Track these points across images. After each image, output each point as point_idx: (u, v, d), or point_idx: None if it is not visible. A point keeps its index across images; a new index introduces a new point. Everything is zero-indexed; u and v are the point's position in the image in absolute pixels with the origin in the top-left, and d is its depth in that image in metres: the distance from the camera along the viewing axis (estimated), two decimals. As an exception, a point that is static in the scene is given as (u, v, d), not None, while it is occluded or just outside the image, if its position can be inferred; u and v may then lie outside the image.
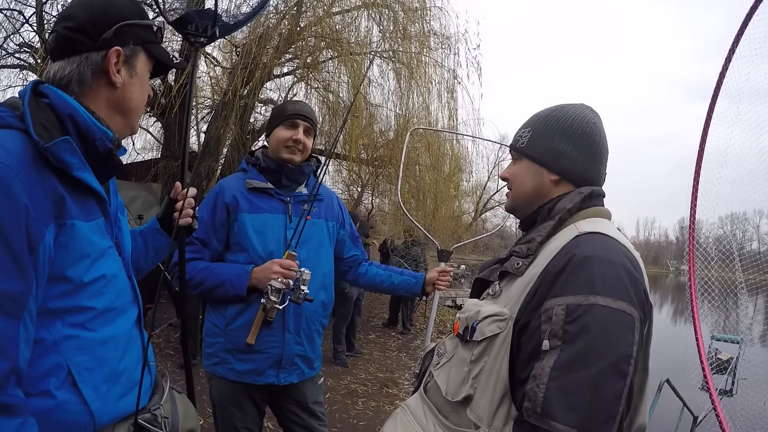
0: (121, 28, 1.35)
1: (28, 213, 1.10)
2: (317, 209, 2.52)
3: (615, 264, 1.21)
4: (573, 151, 1.43)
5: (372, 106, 9.54)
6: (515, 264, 1.36)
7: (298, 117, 2.45)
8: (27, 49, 8.47)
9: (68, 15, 1.34)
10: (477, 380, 1.30)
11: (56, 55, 1.33)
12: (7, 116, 1.19)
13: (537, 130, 1.48)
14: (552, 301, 1.19)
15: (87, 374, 1.24)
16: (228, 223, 2.37)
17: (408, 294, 2.81)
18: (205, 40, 1.66)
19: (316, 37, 8.92)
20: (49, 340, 1.19)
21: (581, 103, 1.53)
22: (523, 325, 1.25)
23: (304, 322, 2.37)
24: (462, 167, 11.45)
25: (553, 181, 1.46)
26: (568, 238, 1.31)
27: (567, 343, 1.14)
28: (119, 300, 1.37)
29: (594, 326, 1.13)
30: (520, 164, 1.52)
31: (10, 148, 1.12)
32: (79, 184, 1.24)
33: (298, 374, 2.42)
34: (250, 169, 2.50)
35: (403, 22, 9.13)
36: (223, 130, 8.80)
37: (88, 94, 1.34)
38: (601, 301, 1.15)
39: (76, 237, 1.23)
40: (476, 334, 1.32)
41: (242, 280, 2.26)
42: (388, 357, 8.34)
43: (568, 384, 1.11)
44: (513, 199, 1.55)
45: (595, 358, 1.11)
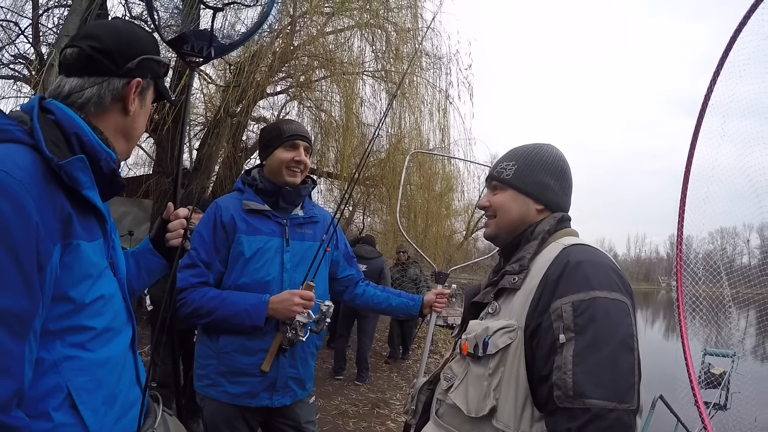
0: (143, 60, 1.38)
1: (38, 231, 1.08)
2: (312, 232, 2.51)
3: (603, 265, 1.41)
4: (555, 184, 1.65)
5: (364, 125, 9.58)
6: (512, 279, 1.50)
7: (298, 137, 2.44)
8: (21, 61, 8.47)
9: (94, 35, 1.34)
10: (498, 391, 1.40)
11: (74, 71, 1.32)
12: (16, 130, 1.16)
13: (522, 164, 1.65)
14: (559, 302, 1.35)
15: (86, 396, 1.22)
16: (228, 243, 2.35)
17: (405, 316, 2.80)
18: (201, 61, 1.67)
19: (309, 57, 8.99)
20: (48, 361, 1.16)
21: (550, 143, 1.74)
22: (534, 327, 1.39)
23: (299, 346, 2.35)
24: (453, 187, 11.49)
25: (538, 210, 1.64)
26: (555, 251, 1.48)
27: (580, 333, 1.30)
28: (116, 320, 1.36)
29: (599, 315, 1.31)
30: (504, 194, 1.67)
31: (21, 164, 1.10)
32: (84, 204, 1.24)
33: (291, 396, 2.40)
34: (246, 189, 2.47)
35: (395, 43, 9.22)
36: (216, 148, 8.81)
37: (102, 116, 1.34)
38: (599, 294, 1.34)
39: (80, 257, 1.22)
40: (489, 348, 1.42)
41: (260, 311, 2.23)
42: (379, 377, 8.27)
43: (590, 365, 1.27)
44: (497, 226, 1.68)
45: (606, 340, 1.29)
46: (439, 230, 11.19)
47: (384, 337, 12.03)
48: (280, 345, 2.27)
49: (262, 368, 2.25)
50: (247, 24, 1.84)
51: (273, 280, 2.34)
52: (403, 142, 9.43)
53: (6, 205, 1.04)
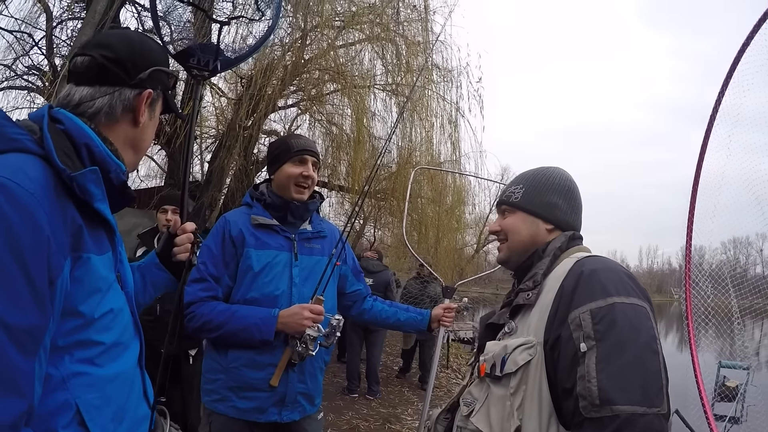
0: (154, 72, 1.37)
1: (50, 244, 1.05)
2: (320, 246, 2.51)
3: (617, 271, 1.42)
4: (563, 204, 1.68)
5: (375, 138, 9.59)
6: (526, 296, 1.51)
7: (306, 152, 2.45)
8: (35, 72, 8.58)
9: (106, 44, 1.33)
10: (521, 410, 1.37)
11: (84, 80, 1.31)
12: (26, 140, 1.13)
13: (530, 186, 1.69)
14: (576, 311, 1.34)
15: (95, 413, 1.19)
16: (236, 257, 2.34)
17: (414, 331, 2.79)
18: (207, 74, 1.66)
19: (320, 70, 9.03)
20: (56, 377, 1.13)
21: (557, 166, 1.78)
22: (554, 341, 1.37)
23: (308, 360, 2.34)
24: (464, 200, 11.45)
25: (548, 230, 1.67)
26: (569, 264, 1.49)
27: (601, 339, 1.28)
28: (125, 335, 1.34)
29: (619, 319, 1.29)
30: (514, 216, 1.70)
31: (32, 175, 1.07)
32: (94, 216, 1.21)
33: (300, 411, 2.38)
34: (254, 204, 2.48)
35: (406, 56, 9.23)
36: (227, 161, 8.84)
37: (112, 126, 1.33)
38: (617, 300, 1.33)
39: (90, 271, 1.19)
40: (508, 366, 1.40)
41: (269, 325, 2.22)
42: (390, 392, 8.21)
43: (615, 370, 1.24)
44: (509, 249, 1.71)
45: (629, 343, 1.27)
46: (450, 243, 11.14)
47: (395, 351, 11.97)
48: (289, 359, 2.26)
49: (271, 383, 2.23)
50: (254, 37, 1.84)
51: (282, 294, 2.33)
52: (413, 155, 9.42)
53: (17, 217, 1.01)
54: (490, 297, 23.81)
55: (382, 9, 9.14)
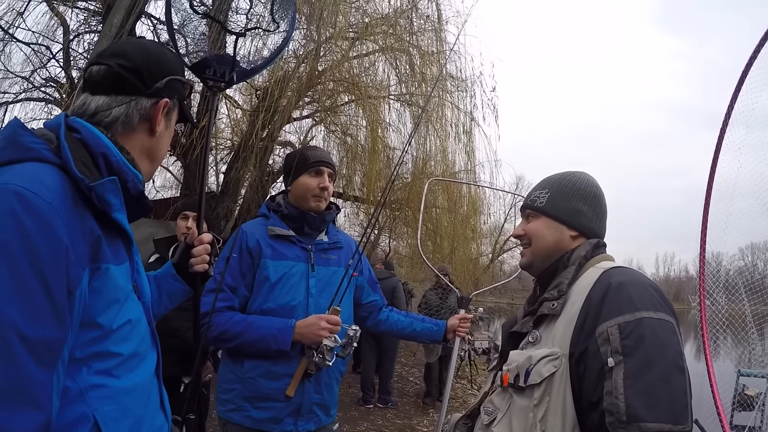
0: (171, 81, 1.35)
1: (68, 255, 1.04)
2: (336, 257, 2.51)
3: (645, 285, 1.40)
4: (589, 210, 1.65)
5: (389, 149, 9.60)
6: (551, 306, 1.48)
7: (322, 164, 2.45)
8: (53, 84, 8.70)
9: (122, 53, 1.32)
10: (544, 422, 1.35)
11: (100, 89, 1.29)
12: (42, 149, 1.11)
13: (555, 191, 1.67)
14: (604, 325, 1.33)
15: (113, 425, 1.16)
16: (253, 268, 2.35)
17: (429, 341, 2.78)
18: (223, 85, 1.66)
19: (334, 81, 9.08)
20: (74, 390, 1.11)
21: (583, 171, 1.76)
22: (580, 354, 1.35)
23: (324, 371, 2.33)
24: (479, 209, 11.41)
25: (572, 237, 1.64)
26: (595, 275, 1.47)
27: (629, 355, 1.27)
28: (142, 345, 1.32)
29: (647, 335, 1.29)
30: (538, 221, 1.68)
31: (50, 185, 1.05)
32: (112, 226, 1.20)
33: (316, 422, 2.37)
34: (271, 215, 2.48)
35: (419, 66, 9.26)
36: (243, 172, 8.89)
37: (128, 135, 1.31)
38: (646, 315, 1.31)
39: (109, 281, 1.17)
40: (533, 377, 1.39)
41: (286, 336, 2.22)
42: (406, 402, 8.17)
43: (643, 387, 1.23)
44: (533, 254, 1.68)
45: (657, 359, 1.26)
46: (464, 253, 11.10)
47: (411, 362, 11.91)
48: (305, 370, 2.26)
49: (286, 393, 2.23)
50: (268, 49, 1.85)
51: (298, 305, 2.33)
52: (428, 165, 9.42)
53: (35, 228, 1.00)
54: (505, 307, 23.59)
55: (396, 20, 9.19)
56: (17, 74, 8.38)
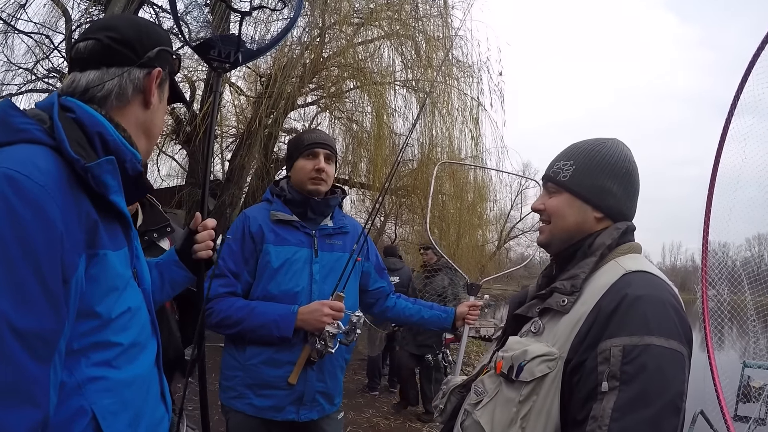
0: (161, 51, 1.31)
1: (63, 242, 0.99)
2: (342, 242, 2.46)
3: (664, 303, 1.25)
4: (618, 189, 1.46)
5: (395, 135, 9.54)
6: (561, 301, 1.35)
7: (317, 146, 2.40)
8: (56, 75, 8.67)
9: (110, 26, 1.27)
10: (526, 420, 1.28)
11: (91, 63, 1.24)
12: (35, 130, 1.06)
13: (581, 164, 1.47)
14: (608, 342, 1.21)
15: (112, 419, 1.12)
16: (256, 253, 2.32)
17: (438, 329, 2.74)
18: (228, 66, 1.61)
19: (339, 67, 9.02)
20: (71, 383, 1.06)
21: (616, 138, 1.54)
22: (576, 364, 1.26)
23: (327, 358, 2.29)
24: (485, 196, 11.35)
25: (597, 218, 1.46)
26: (615, 275, 1.33)
27: (626, 383, 1.16)
28: (142, 335, 1.27)
29: (651, 366, 1.17)
30: (560, 198, 1.50)
31: (43, 167, 1.00)
32: (110, 209, 1.14)
33: (319, 411, 2.34)
34: (274, 200, 2.44)
35: (425, 52, 9.18)
36: (248, 159, 8.87)
37: (123, 110, 1.26)
38: (656, 342, 1.19)
39: (106, 268, 1.12)
40: (524, 374, 1.30)
41: (288, 322, 2.19)
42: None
43: (630, 424, 1.14)
44: (551, 233, 1.52)
45: (654, 397, 1.15)
46: (471, 240, 11.05)
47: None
48: (308, 357, 2.22)
49: (289, 381, 2.20)
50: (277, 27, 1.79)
51: (302, 291, 2.30)
52: (435, 151, 9.36)
53: (28, 213, 0.94)
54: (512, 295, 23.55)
55: (401, 5, 9.11)
56: (20, 66, 8.37)
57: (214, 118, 1.66)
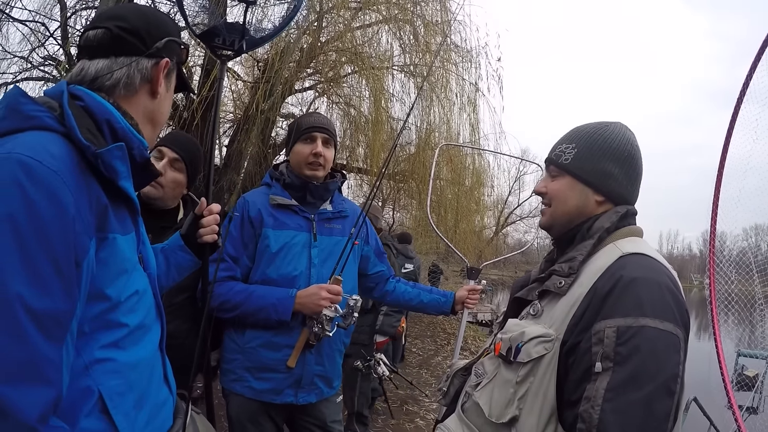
0: (169, 42, 1.33)
1: (75, 225, 1.02)
2: (341, 226, 2.48)
3: (660, 285, 1.27)
4: (620, 173, 1.47)
5: (393, 120, 9.53)
6: (558, 283, 1.38)
7: (314, 130, 2.41)
8: (51, 62, 8.61)
9: (119, 16, 1.30)
10: (523, 401, 1.30)
11: (100, 52, 1.26)
12: (45, 116, 1.09)
13: (583, 147, 1.49)
14: (602, 323, 1.23)
15: (119, 399, 1.15)
16: (255, 238, 2.34)
17: (437, 313, 2.76)
18: (232, 54, 1.63)
19: (337, 52, 8.97)
20: (79, 363, 1.10)
21: (619, 122, 1.55)
22: (572, 346, 1.28)
23: (326, 343, 2.33)
24: (483, 181, 11.37)
25: (598, 202, 1.49)
26: (611, 258, 1.35)
27: (619, 364, 1.18)
28: (148, 317, 1.31)
29: (644, 348, 1.18)
30: (561, 181, 1.52)
31: (56, 153, 1.04)
32: (118, 194, 1.18)
33: (317, 394, 2.38)
34: (274, 184, 2.46)
35: (423, 36, 9.14)
36: (245, 144, 8.85)
37: (131, 99, 1.30)
38: (650, 323, 1.20)
39: (116, 252, 1.16)
40: (521, 355, 1.33)
41: (287, 305, 2.22)
42: (408, 374, 8.22)
43: (622, 405, 1.16)
44: (552, 216, 1.55)
45: (647, 379, 1.17)
46: (468, 225, 11.09)
47: (414, 332, 11.98)
48: (306, 341, 2.25)
49: (288, 364, 2.23)
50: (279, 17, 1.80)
51: (300, 275, 2.32)
52: (432, 136, 9.35)
53: (42, 198, 0.98)
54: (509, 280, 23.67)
55: (399, -12, 9.05)
56: (15, 54, 8.29)
57: (219, 104, 1.68)
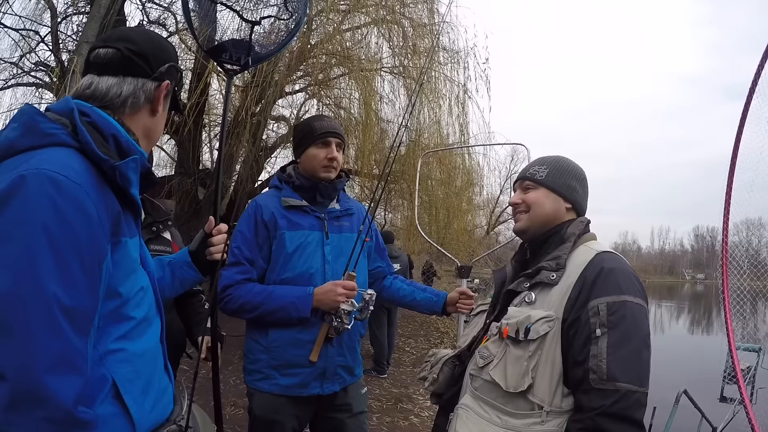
0: (171, 67, 1.45)
1: (97, 232, 1.14)
2: (349, 223, 2.57)
3: (628, 273, 1.71)
4: (580, 189, 1.94)
5: (383, 121, 9.59)
6: (550, 276, 1.74)
7: (329, 135, 2.49)
8: (42, 68, 8.60)
9: (130, 38, 1.41)
10: (535, 370, 1.63)
11: (109, 70, 1.37)
12: (61, 134, 1.20)
13: (553, 168, 1.93)
14: (595, 301, 1.63)
15: (129, 386, 1.26)
16: (269, 240, 2.41)
17: (428, 312, 2.80)
18: (239, 69, 1.71)
19: (326, 55, 9.02)
20: (94, 355, 1.20)
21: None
22: (573, 320, 1.64)
23: (345, 334, 2.41)
24: (473, 181, 11.44)
25: (567, 209, 1.91)
26: (589, 255, 1.75)
27: (612, 328, 1.58)
28: (150, 311, 1.41)
29: (628, 315, 1.60)
30: (537, 191, 1.91)
31: (76, 168, 1.15)
32: (128, 201, 1.29)
33: (341, 382, 2.47)
34: (283, 186, 2.53)
35: (412, 38, 9.21)
36: (236, 147, 8.88)
37: (133, 116, 1.40)
38: (629, 299, 1.63)
39: (127, 254, 1.28)
40: (531, 334, 1.65)
41: (305, 303, 2.30)
42: (402, 372, 8.28)
43: (621, 355, 1.55)
44: (531, 220, 1.91)
45: (633, 335, 1.59)
46: (460, 225, 11.16)
47: (407, 332, 12.04)
48: (326, 335, 2.34)
49: (310, 359, 2.32)
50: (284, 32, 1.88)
51: (316, 272, 2.41)
52: (422, 137, 9.41)
53: (70, 209, 1.10)
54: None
55: (387, -9, 9.09)
56: (6, 60, 8.28)
57: (225, 121, 1.74)
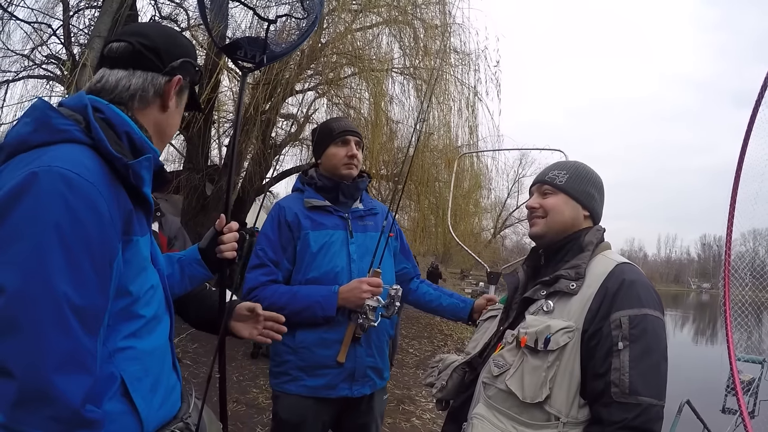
0: (184, 62, 1.44)
1: (109, 231, 1.13)
2: (373, 223, 2.57)
3: (648, 286, 1.69)
4: (598, 197, 1.92)
5: (392, 122, 9.57)
6: (570, 285, 1.71)
7: (348, 133, 2.52)
8: (54, 61, 8.63)
9: (143, 33, 1.40)
10: (553, 381, 1.61)
11: (120, 63, 1.36)
12: (75, 130, 1.18)
13: (573, 175, 1.89)
14: (618, 314, 1.61)
15: (138, 384, 1.26)
16: (293, 241, 2.42)
17: (454, 318, 2.79)
18: (253, 66, 1.70)
19: (337, 54, 9.01)
20: (103, 353, 1.19)
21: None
22: (594, 332, 1.62)
23: (374, 335, 2.41)
24: (481, 184, 11.43)
25: (585, 216, 1.88)
26: (609, 265, 1.73)
27: (634, 342, 1.57)
28: (160, 309, 1.41)
29: (649, 329, 1.60)
30: (556, 197, 1.88)
31: (89, 165, 1.14)
32: (140, 199, 1.28)
33: (371, 386, 2.45)
34: (306, 188, 2.55)
35: (423, 39, 9.19)
36: (245, 145, 8.89)
37: (143, 111, 1.38)
38: (649, 312, 1.62)
39: (138, 252, 1.27)
40: (551, 344, 1.62)
41: (331, 302, 2.30)
42: (405, 374, 8.29)
43: (642, 369, 1.55)
44: (548, 225, 1.87)
45: (654, 349, 1.59)
46: (467, 227, 11.14)
47: (410, 333, 12.02)
48: (353, 334, 2.33)
49: (337, 359, 2.31)
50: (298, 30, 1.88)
51: (342, 271, 2.41)
52: (431, 138, 9.39)
53: (82, 207, 1.08)
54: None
55: (400, -9, 9.07)
56: (17, 52, 8.31)
57: (239, 123, 1.75)
